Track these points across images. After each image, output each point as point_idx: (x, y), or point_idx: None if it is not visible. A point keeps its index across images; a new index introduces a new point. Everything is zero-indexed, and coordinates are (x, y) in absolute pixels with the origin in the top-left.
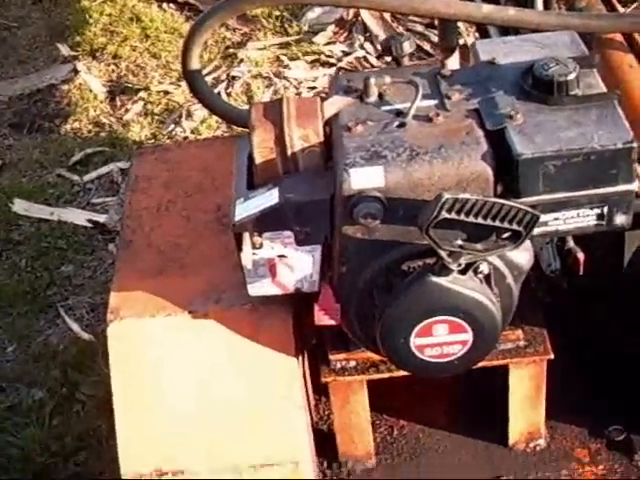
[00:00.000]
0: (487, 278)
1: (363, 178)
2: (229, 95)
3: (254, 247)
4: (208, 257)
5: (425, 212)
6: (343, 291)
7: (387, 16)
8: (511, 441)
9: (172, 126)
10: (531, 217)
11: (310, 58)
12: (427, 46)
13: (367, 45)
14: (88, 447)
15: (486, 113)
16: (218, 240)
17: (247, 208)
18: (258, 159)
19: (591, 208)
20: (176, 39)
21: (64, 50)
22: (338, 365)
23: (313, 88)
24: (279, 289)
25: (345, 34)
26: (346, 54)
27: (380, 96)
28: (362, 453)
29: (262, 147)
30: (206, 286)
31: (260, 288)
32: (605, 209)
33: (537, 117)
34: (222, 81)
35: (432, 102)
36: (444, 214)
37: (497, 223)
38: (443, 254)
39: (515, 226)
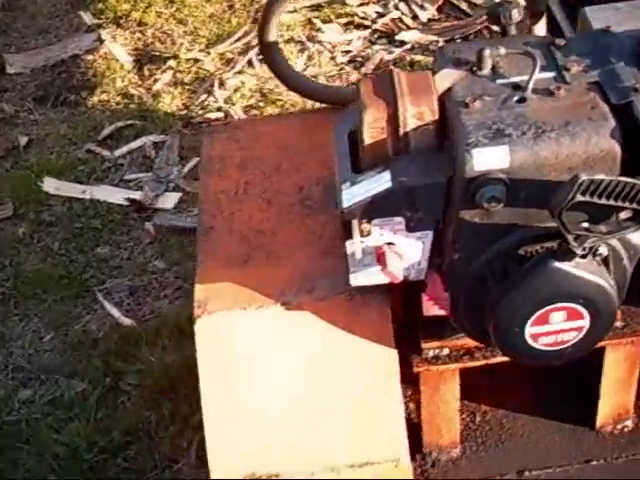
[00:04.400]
0: (605, 260)
1: (487, 159)
2: (262, 62)
3: (362, 235)
4: (294, 243)
5: (559, 194)
6: (454, 279)
7: None
8: (598, 423)
9: (204, 96)
10: None
11: (343, 20)
12: (464, 5)
13: (402, 5)
14: (137, 441)
15: (608, 86)
16: (303, 224)
17: (356, 193)
18: (368, 140)
19: None
20: (202, 4)
21: (87, 18)
22: (431, 353)
23: (348, 52)
24: (388, 278)
25: None
26: (381, 15)
27: (493, 69)
28: (447, 442)
29: (373, 127)
30: (296, 275)
31: (364, 277)
32: None
33: None
34: (253, 47)
35: (550, 74)
36: (579, 197)
37: (626, 204)
38: (570, 238)
39: None
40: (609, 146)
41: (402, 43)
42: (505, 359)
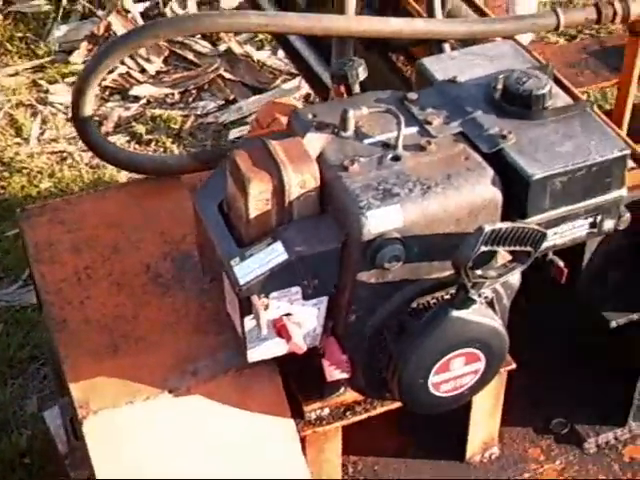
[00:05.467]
0: (490, 303)
1: (382, 220)
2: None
3: (259, 309)
4: (160, 325)
5: (464, 248)
6: (351, 340)
7: None
8: (468, 454)
9: None
10: (541, 236)
11: (70, 79)
12: (190, 55)
13: (127, 60)
14: None
15: (474, 135)
16: (163, 304)
17: (250, 268)
18: (253, 212)
19: (585, 218)
20: None
21: None
22: (313, 415)
23: None
24: (289, 349)
25: None
26: (109, 71)
27: (356, 129)
28: None
29: (258, 199)
30: (174, 358)
31: (262, 352)
32: (598, 217)
33: (527, 134)
34: None
35: (413, 129)
36: (482, 247)
37: (517, 247)
38: (469, 286)
39: (528, 247)
40: (491, 194)
41: (136, 98)
42: (385, 409)
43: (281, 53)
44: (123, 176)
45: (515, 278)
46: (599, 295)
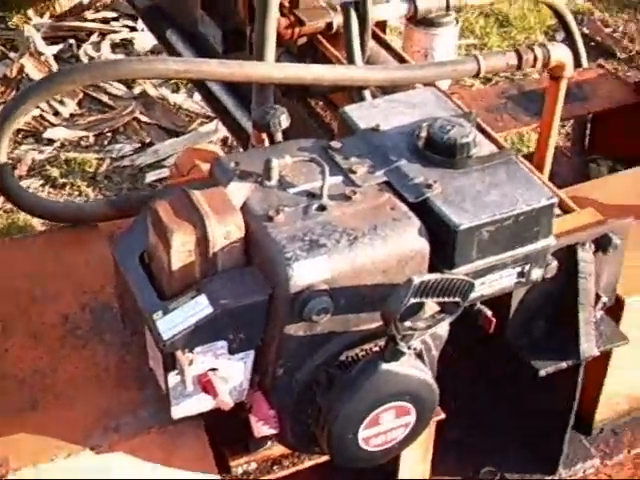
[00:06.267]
0: (419, 354)
1: (309, 272)
2: None
3: (184, 364)
4: (81, 380)
5: (393, 300)
6: (279, 395)
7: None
8: None
9: None
10: (469, 286)
11: None
12: (105, 98)
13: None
14: None
15: (399, 185)
16: (82, 358)
17: (173, 323)
18: (176, 264)
19: (513, 267)
20: None
21: None
22: (240, 470)
23: None
24: (220, 406)
25: (13, 92)
26: None
27: (280, 178)
28: None
29: (181, 251)
30: (96, 413)
31: (186, 408)
32: (526, 267)
33: (452, 183)
34: None
35: (338, 179)
36: (412, 299)
37: (446, 298)
38: (398, 339)
39: (457, 298)
40: (419, 245)
41: (50, 141)
42: (314, 463)
43: (197, 96)
44: (37, 221)
45: (443, 329)
46: (527, 344)
